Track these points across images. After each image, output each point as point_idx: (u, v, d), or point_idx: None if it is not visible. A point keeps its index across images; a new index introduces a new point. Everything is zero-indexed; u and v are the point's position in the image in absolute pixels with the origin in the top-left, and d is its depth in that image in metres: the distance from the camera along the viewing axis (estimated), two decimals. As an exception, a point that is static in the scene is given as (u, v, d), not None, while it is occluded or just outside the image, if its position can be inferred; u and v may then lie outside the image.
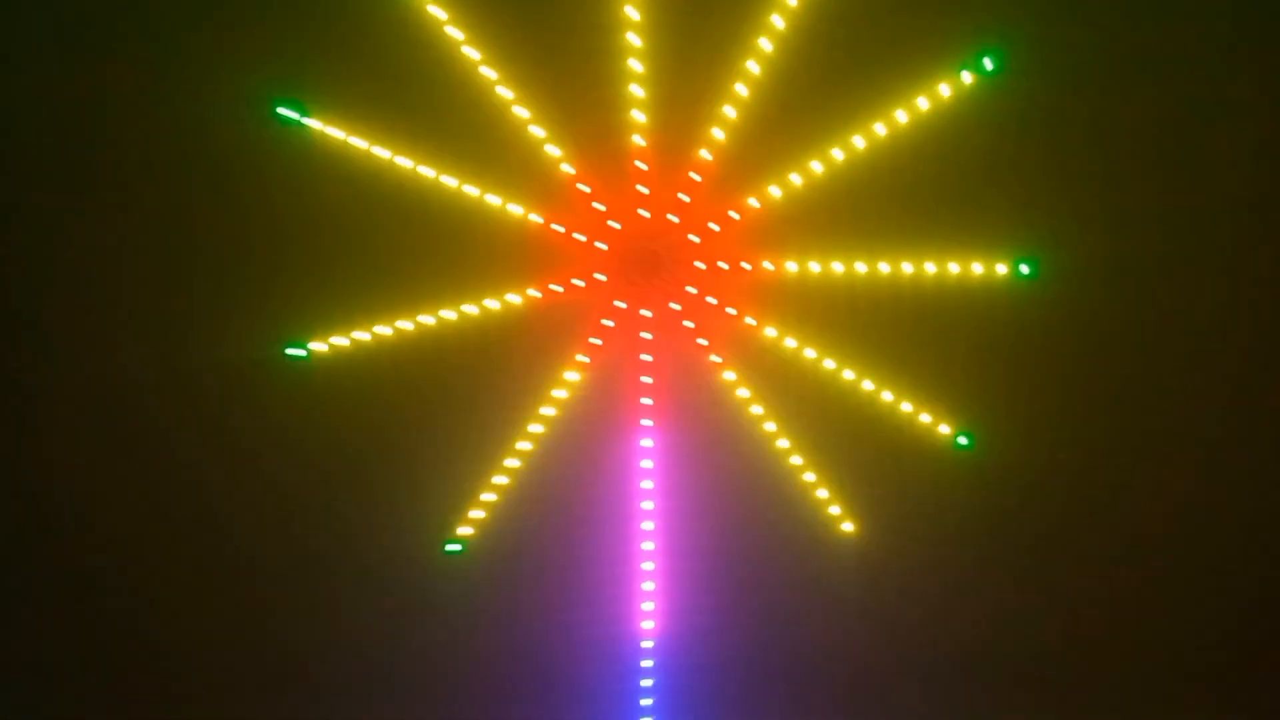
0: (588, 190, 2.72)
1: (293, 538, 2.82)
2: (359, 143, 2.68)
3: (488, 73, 2.66)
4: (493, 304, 2.74)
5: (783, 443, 2.80)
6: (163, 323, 2.74)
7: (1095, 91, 2.70)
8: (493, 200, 2.70)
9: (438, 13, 2.63)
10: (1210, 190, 2.74)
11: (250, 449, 2.79)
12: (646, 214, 2.73)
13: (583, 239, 2.72)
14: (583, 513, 2.84)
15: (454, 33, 2.65)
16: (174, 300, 2.74)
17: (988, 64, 2.63)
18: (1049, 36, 2.66)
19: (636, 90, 2.66)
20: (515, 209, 2.71)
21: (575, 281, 2.74)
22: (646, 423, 2.78)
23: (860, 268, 2.71)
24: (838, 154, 2.67)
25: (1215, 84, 2.71)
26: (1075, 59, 2.68)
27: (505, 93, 2.67)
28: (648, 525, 2.81)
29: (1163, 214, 2.74)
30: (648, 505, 2.80)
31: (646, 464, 2.79)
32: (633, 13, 2.62)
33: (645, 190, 2.71)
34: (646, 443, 2.78)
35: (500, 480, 2.80)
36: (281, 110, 2.64)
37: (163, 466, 2.80)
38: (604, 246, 2.73)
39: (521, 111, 2.67)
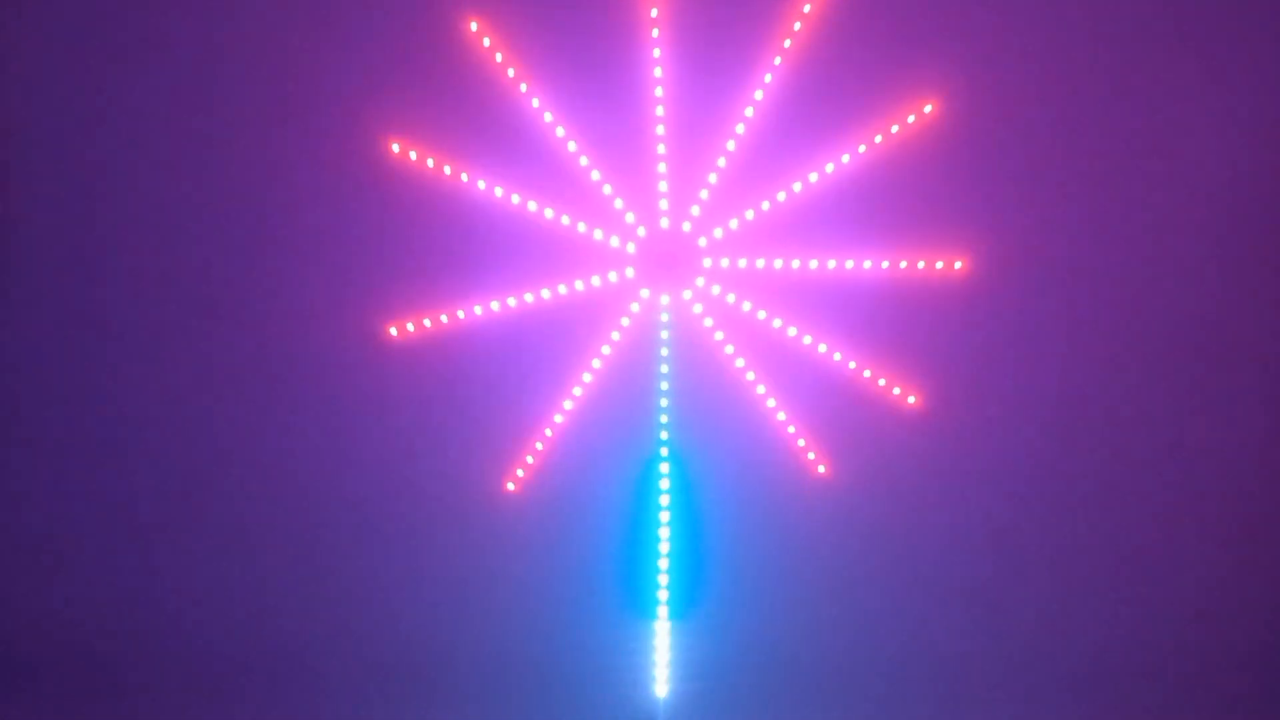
0: (621, 206, 3.34)
1: (382, 479, 3.42)
2: (461, 175, 3.28)
3: (537, 102, 3.26)
4: (546, 295, 3.33)
5: (771, 403, 3.38)
6: (302, 309, 3.39)
7: (1018, 127, 3.26)
8: (549, 213, 3.31)
9: (484, 38, 3.20)
10: (1110, 199, 3.29)
11: (353, 406, 3.41)
12: (665, 223, 3.35)
13: (616, 243, 3.35)
14: (608, 468, 3.41)
15: (501, 59, 3.22)
16: (305, 292, 3.40)
17: (931, 106, 3.22)
18: (983, 84, 3.27)
19: (660, 125, 3.28)
20: (565, 220, 3.33)
21: (610, 276, 3.37)
22: (663, 388, 3.33)
23: (832, 264, 3.30)
24: (813, 177, 3.29)
25: (1121, 117, 3.27)
26: (1003, 100, 3.26)
27: (548, 116, 3.26)
28: (662, 471, 3.34)
29: (1069, 221, 3.30)
30: (663, 453, 3.35)
31: (663, 430, 3.34)
32: (656, 54, 3.22)
33: (665, 206, 3.34)
34: (664, 402, 3.33)
35: (547, 435, 3.37)
36: (392, 145, 3.30)
37: (296, 416, 3.44)
38: (631, 249, 3.35)
39: (559, 129, 3.27)
